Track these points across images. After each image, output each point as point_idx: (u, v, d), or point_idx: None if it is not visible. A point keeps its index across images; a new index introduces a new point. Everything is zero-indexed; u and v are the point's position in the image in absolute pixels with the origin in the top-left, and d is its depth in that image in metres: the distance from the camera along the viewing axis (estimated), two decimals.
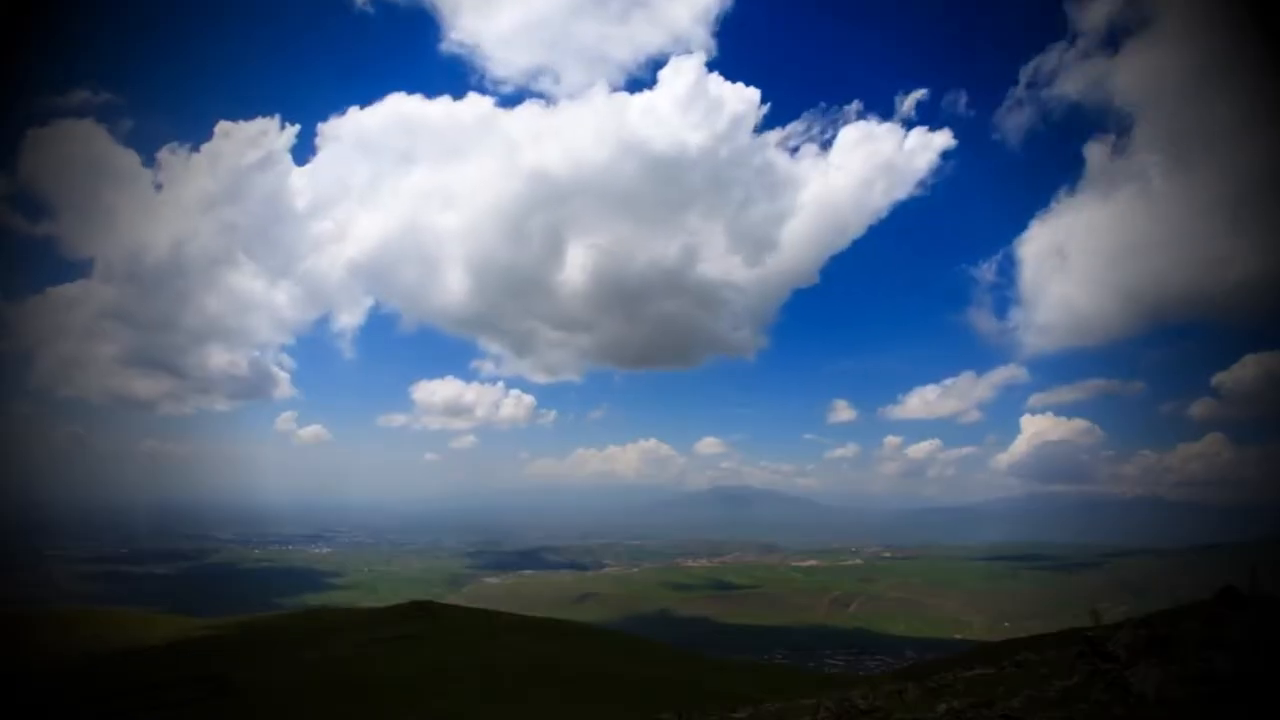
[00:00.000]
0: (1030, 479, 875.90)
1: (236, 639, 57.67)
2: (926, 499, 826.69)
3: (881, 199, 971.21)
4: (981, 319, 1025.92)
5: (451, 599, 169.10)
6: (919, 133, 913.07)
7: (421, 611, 62.61)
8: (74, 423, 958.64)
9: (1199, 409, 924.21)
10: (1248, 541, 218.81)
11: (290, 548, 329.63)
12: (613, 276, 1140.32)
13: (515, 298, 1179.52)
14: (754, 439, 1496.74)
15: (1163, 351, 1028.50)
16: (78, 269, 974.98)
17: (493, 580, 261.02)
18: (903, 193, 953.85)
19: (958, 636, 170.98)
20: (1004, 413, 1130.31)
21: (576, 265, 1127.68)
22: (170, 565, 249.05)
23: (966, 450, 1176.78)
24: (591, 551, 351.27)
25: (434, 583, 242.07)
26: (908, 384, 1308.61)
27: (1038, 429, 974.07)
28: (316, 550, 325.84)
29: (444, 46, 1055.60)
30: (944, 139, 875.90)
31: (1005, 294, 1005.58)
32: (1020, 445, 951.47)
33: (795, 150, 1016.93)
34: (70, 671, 48.65)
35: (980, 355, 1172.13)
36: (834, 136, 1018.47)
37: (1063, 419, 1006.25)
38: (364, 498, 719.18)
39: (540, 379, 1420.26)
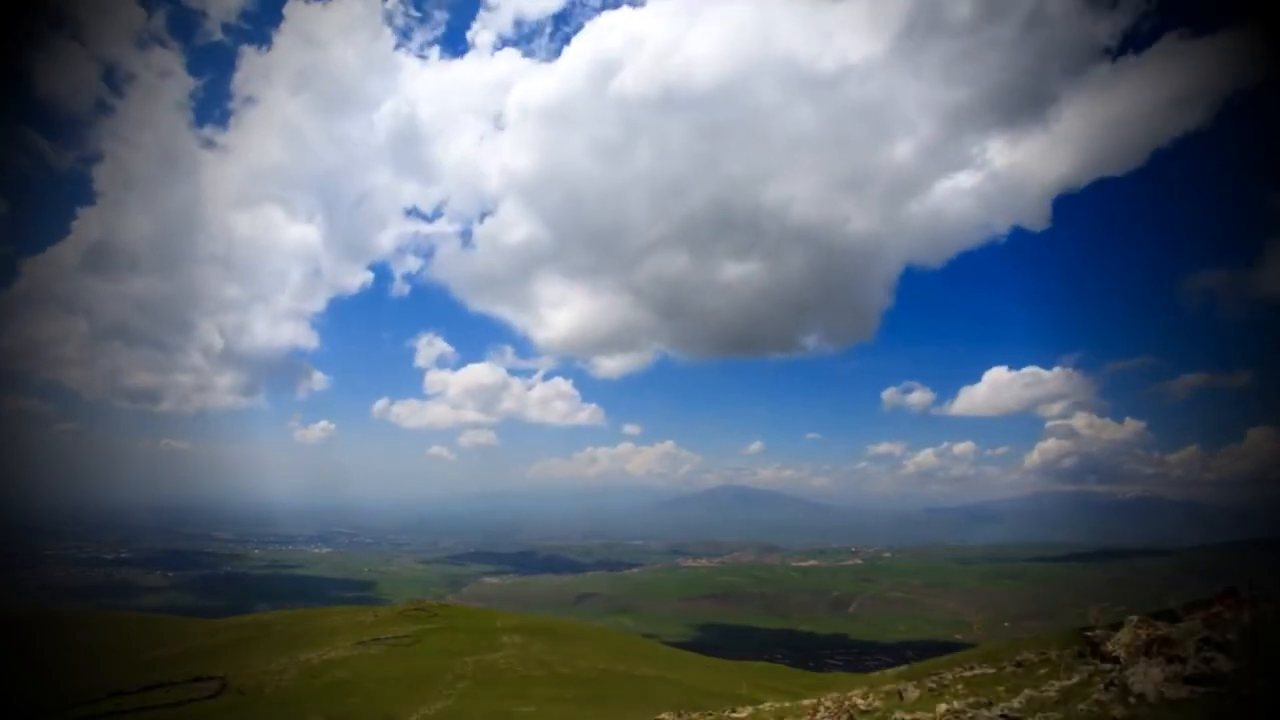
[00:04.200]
0: (1040, 479, 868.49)
1: (236, 639, 57.67)
2: (930, 499, 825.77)
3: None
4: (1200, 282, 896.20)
5: (451, 599, 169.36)
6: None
7: (421, 612, 62.61)
8: (72, 419, 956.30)
9: None
10: (1249, 541, 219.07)
11: (290, 548, 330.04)
12: (730, 223, 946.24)
13: (600, 247, 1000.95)
14: (775, 439, 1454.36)
15: None
16: (63, 224, 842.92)
17: (493, 580, 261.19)
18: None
19: (958, 636, 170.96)
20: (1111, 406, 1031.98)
21: (692, 213, 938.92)
22: (170, 567, 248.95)
23: (1003, 449, 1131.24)
24: (592, 552, 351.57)
25: (434, 583, 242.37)
26: (1003, 366, 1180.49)
27: (1069, 427, 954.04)
28: (317, 550, 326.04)
29: None
30: None
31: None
32: (1047, 446, 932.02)
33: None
34: (70, 672, 48.65)
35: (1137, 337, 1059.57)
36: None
37: (1102, 419, 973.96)
38: (368, 496, 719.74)
39: (604, 370, 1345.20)
